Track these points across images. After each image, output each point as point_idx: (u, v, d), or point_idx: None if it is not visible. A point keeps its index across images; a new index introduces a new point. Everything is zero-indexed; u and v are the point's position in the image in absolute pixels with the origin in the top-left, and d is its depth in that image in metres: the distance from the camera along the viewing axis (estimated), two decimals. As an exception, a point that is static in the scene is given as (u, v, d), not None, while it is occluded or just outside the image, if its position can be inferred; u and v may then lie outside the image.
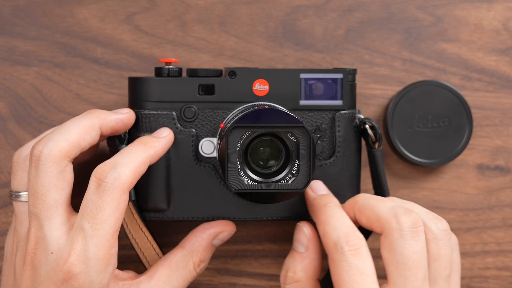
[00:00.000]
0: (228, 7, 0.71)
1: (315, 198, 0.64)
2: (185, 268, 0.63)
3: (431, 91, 0.70)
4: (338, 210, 0.62)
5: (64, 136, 0.60)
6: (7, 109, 0.71)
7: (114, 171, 0.58)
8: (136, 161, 0.59)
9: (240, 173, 0.60)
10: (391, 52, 0.72)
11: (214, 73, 0.65)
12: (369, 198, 0.62)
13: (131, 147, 0.61)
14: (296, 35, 0.71)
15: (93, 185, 0.58)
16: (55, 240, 0.58)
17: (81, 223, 0.58)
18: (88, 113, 0.62)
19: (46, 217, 0.59)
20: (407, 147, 0.70)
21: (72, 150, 0.60)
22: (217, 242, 0.65)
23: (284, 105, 0.65)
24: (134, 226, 0.65)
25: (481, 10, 0.72)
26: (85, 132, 0.60)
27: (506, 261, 0.73)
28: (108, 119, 0.62)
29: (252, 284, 0.72)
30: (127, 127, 0.64)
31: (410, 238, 0.58)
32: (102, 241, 0.57)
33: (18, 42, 0.70)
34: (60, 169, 0.59)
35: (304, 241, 0.63)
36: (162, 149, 0.62)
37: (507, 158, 0.72)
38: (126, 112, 0.64)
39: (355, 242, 0.59)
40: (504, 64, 0.72)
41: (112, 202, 0.58)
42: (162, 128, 0.64)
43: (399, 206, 0.60)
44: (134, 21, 0.71)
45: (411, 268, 0.58)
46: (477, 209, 0.72)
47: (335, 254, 0.59)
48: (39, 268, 0.58)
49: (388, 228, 0.59)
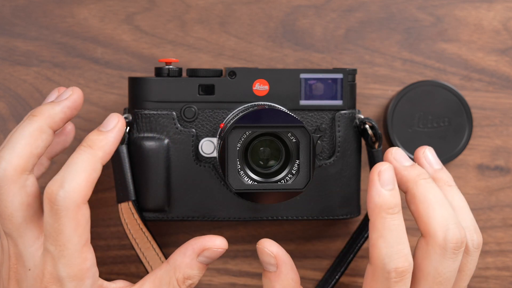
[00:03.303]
0: (228, 7, 0.71)
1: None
2: (169, 284, 0.60)
3: (431, 91, 0.70)
4: (400, 223, 0.57)
5: (13, 150, 0.57)
6: (7, 109, 0.71)
7: (62, 189, 0.55)
8: (85, 170, 0.56)
9: (240, 173, 0.60)
10: (391, 52, 0.72)
11: (214, 73, 0.65)
12: (430, 191, 0.58)
13: (76, 156, 0.57)
14: (296, 35, 0.71)
15: (46, 208, 0.56)
16: (31, 257, 0.57)
17: (47, 246, 0.56)
18: (32, 116, 0.59)
19: (18, 235, 0.57)
20: (407, 147, 0.70)
21: (27, 163, 0.57)
22: (203, 260, 0.61)
23: (284, 105, 0.65)
24: (134, 226, 0.65)
25: (481, 10, 0.72)
26: (35, 139, 0.58)
27: (506, 261, 0.73)
28: (54, 114, 0.59)
29: (252, 284, 0.72)
30: (79, 108, 0.60)
31: (450, 259, 0.57)
32: (71, 259, 0.56)
33: (18, 42, 0.70)
34: (20, 186, 0.57)
35: (271, 260, 0.60)
36: (113, 145, 0.58)
37: (507, 158, 0.72)
38: (69, 94, 0.60)
39: (404, 270, 0.56)
40: (504, 64, 0.72)
41: (70, 222, 0.55)
42: (110, 117, 0.59)
43: (452, 217, 0.57)
44: (134, 21, 0.71)
45: (441, 284, 0.58)
46: (477, 209, 0.72)
47: (379, 274, 0.57)
48: (21, 283, 0.58)
49: (433, 240, 0.57)
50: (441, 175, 0.61)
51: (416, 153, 0.62)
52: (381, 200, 0.57)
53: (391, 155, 0.60)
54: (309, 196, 0.66)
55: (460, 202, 0.60)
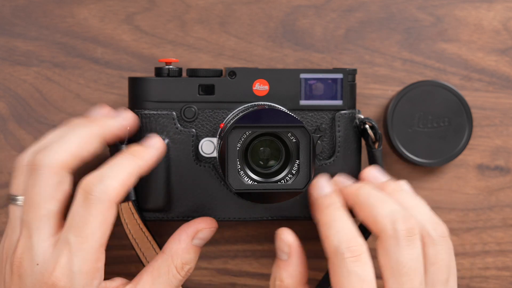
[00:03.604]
0: (228, 7, 0.71)
1: (318, 198, 0.63)
2: (168, 273, 0.61)
3: (431, 91, 0.70)
4: (341, 213, 0.61)
5: (63, 146, 0.59)
6: (7, 109, 0.71)
7: (101, 183, 0.57)
8: (125, 173, 0.58)
9: (240, 173, 0.60)
10: (391, 52, 0.72)
11: (214, 73, 0.65)
12: (370, 195, 0.61)
13: (119, 158, 0.59)
14: (296, 35, 0.71)
15: (79, 198, 0.57)
16: (41, 252, 0.58)
17: (67, 236, 0.57)
18: (89, 122, 0.61)
19: (36, 227, 0.58)
20: (407, 147, 0.70)
21: (72, 162, 0.59)
22: (198, 242, 0.63)
23: (284, 105, 0.65)
24: (134, 226, 0.65)
25: (481, 10, 0.72)
26: (86, 143, 0.60)
27: (506, 261, 0.73)
28: (111, 127, 0.62)
29: (252, 284, 0.72)
30: (131, 133, 0.63)
31: (406, 246, 0.58)
32: (88, 255, 0.57)
33: (18, 42, 0.70)
34: (58, 180, 0.58)
35: (285, 248, 0.62)
36: (152, 160, 0.61)
37: (507, 158, 0.72)
38: (129, 116, 0.63)
39: (357, 249, 0.58)
40: (504, 64, 0.72)
41: (99, 215, 0.57)
42: (152, 136, 0.63)
43: (397, 210, 0.59)
44: (134, 21, 0.71)
45: (407, 275, 0.58)
46: (477, 209, 0.72)
47: (335, 259, 0.58)
48: (25, 278, 0.58)
49: (384, 234, 0.59)
50: (389, 184, 0.63)
51: (361, 175, 0.65)
52: (321, 198, 0.62)
53: (335, 181, 0.64)
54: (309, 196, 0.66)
55: (412, 201, 0.62)
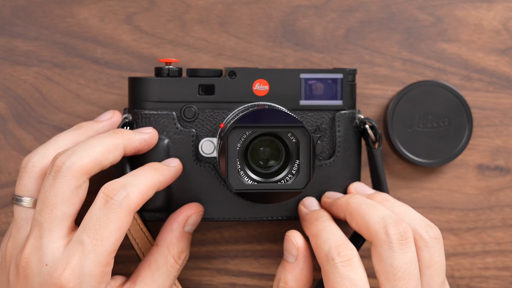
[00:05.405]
0: (228, 7, 0.71)
1: (307, 213, 0.64)
2: (166, 264, 0.62)
3: (431, 91, 0.70)
4: (330, 223, 0.62)
5: (88, 152, 0.59)
6: (7, 109, 0.71)
7: (124, 190, 0.58)
8: (146, 184, 0.59)
9: (240, 173, 0.60)
10: (391, 52, 0.72)
11: (214, 73, 0.65)
12: (361, 203, 0.62)
13: (141, 170, 0.61)
14: (296, 35, 0.71)
15: (100, 201, 0.58)
16: (51, 253, 0.58)
17: (82, 237, 0.57)
18: (113, 133, 0.62)
19: (49, 228, 0.58)
20: (407, 147, 0.70)
21: (93, 168, 0.60)
22: (189, 228, 0.64)
23: (284, 105, 0.65)
24: (134, 226, 0.65)
25: (481, 10, 0.72)
26: (108, 151, 0.60)
27: (506, 261, 0.73)
28: (132, 139, 0.62)
29: (252, 284, 0.72)
30: (150, 147, 0.64)
31: (399, 250, 0.58)
32: (100, 258, 0.57)
33: (18, 42, 0.70)
34: (77, 184, 0.59)
35: (293, 251, 0.62)
36: (171, 178, 0.63)
37: (507, 158, 0.72)
38: (150, 132, 0.64)
39: (347, 254, 0.59)
40: (504, 64, 0.72)
41: (117, 221, 0.57)
42: (172, 158, 0.64)
43: (389, 215, 0.60)
44: (134, 21, 0.71)
45: (402, 279, 0.58)
46: (477, 209, 0.72)
47: (327, 266, 0.59)
48: (32, 278, 0.58)
49: (377, 239, 0.59)
50: (376, 196, 0.64)
51: (348, 189, 0.66)
52: (310, 213, 0.64)
53: (324, 196, 0.66)
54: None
55: (401, 208, 0.62)
